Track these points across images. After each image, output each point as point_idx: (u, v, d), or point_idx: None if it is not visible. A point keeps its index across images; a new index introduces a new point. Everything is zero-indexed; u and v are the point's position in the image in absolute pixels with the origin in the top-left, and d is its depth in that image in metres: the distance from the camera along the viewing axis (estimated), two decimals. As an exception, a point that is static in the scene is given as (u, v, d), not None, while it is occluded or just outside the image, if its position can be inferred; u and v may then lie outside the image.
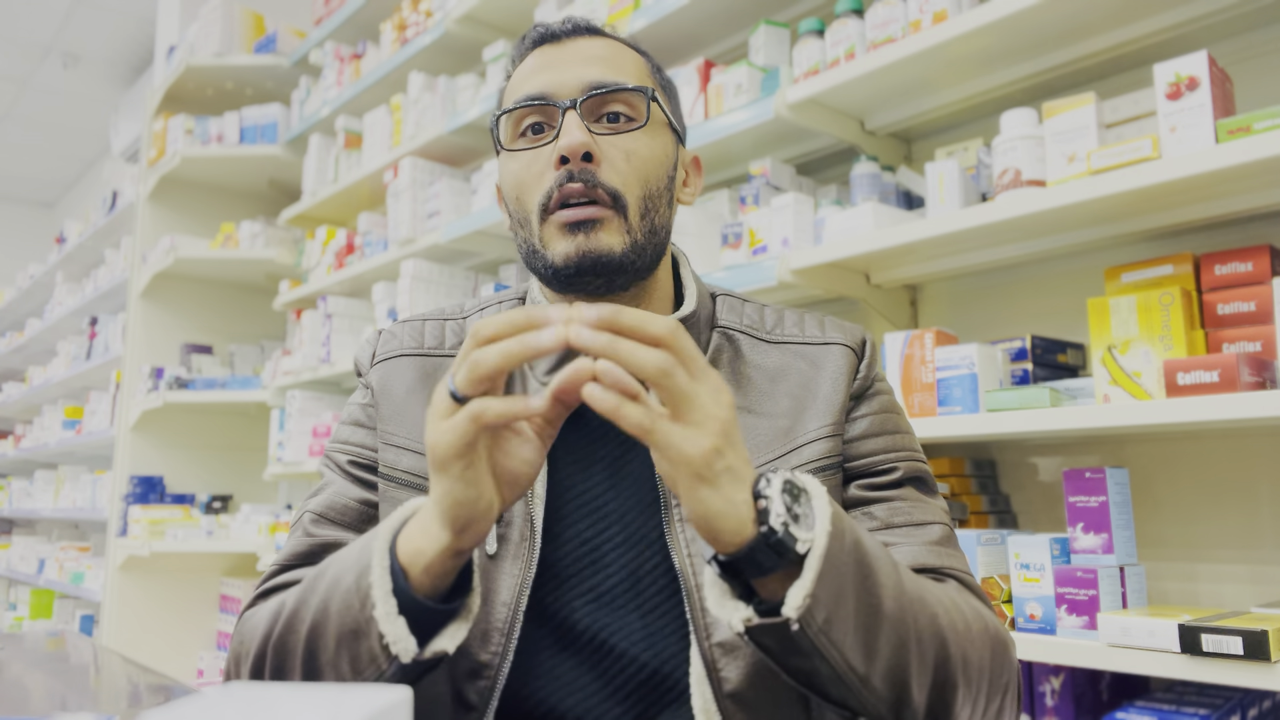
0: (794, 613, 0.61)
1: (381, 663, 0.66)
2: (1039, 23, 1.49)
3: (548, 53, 0.88)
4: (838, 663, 0.64)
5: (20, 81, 5.98)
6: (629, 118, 0.85)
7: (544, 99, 0.84)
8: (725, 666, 0.76)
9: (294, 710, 0.38)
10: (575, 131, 0.81)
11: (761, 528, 0.62)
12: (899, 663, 0.67)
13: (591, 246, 0.81)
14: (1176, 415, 1.22)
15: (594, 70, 0.85)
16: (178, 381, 3.46)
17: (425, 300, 2.62)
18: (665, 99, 0.90)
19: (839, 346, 0.89)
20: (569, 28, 0.89)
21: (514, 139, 0.87)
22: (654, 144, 0.86)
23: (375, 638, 0.65)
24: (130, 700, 1.12)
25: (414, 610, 0.66)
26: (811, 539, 0.62)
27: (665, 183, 0.87)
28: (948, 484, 1.60)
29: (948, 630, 0.70)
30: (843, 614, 0.63)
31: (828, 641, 0.63)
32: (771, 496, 0.63)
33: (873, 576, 0.66)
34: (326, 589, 0.70)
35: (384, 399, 0.88)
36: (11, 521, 6.43)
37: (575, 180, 0.81)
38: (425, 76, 2.81)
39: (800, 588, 0.61)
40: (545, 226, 0.83)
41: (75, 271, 5.37)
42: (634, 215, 0.83)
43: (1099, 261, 1.59)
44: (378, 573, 0.66)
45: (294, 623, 0.72)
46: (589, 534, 0.82)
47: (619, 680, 0.79)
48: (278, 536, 3.16)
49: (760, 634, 0.64)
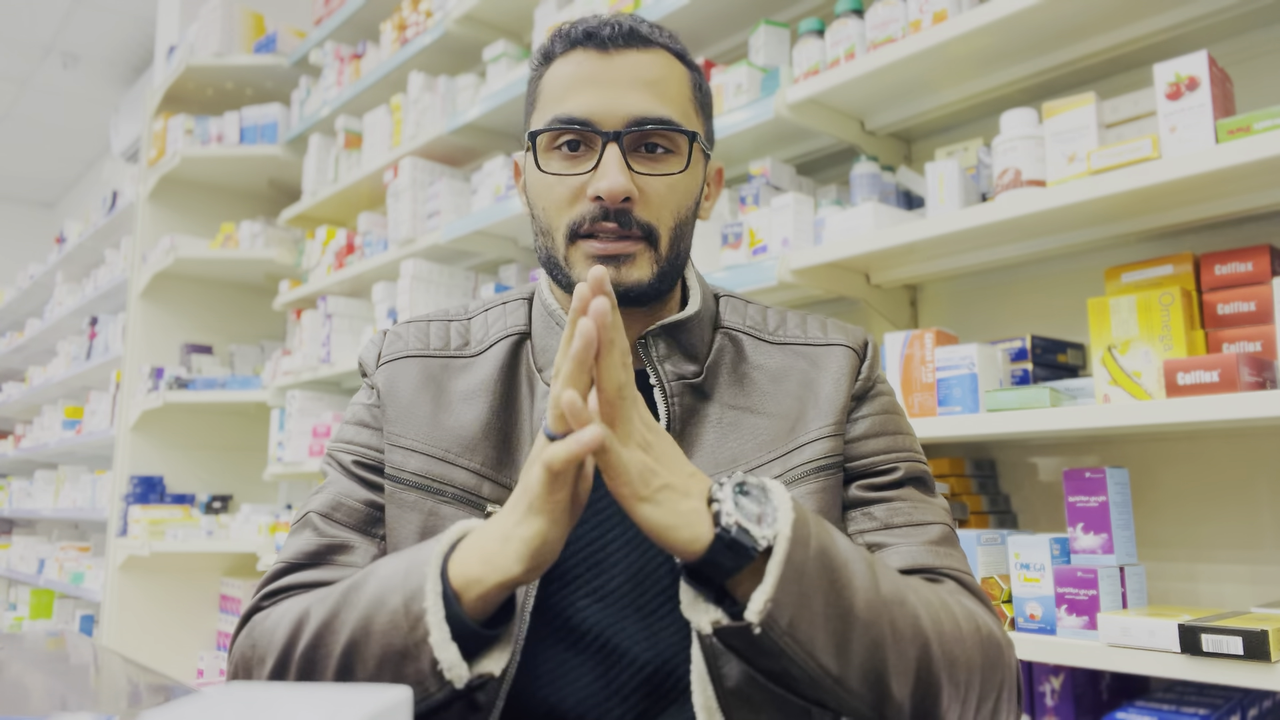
0: (755, 616, 0.63)
1: (431, 686, 0.67)
2: (1039, 23, 1.49)
3: (593, 62, 0.84)
4: (807, 664, 0.65)
5: (20, 81, 5.99)
6: (668, 150, 0.84)
7: (587, 125, 0.82)
8: (726, 664, 0.76)
9: (294, 710, 0.38)
10: (616, 174, 0.80)
11: (716, 529, 0.64)
12: (875, 664, 0.67)
13: (621, 279, 0.82)
14: (1176, 415, 1.22)
15: (641, 100, 0.82)
16: (178, 381, 3.46)
17: (425, 300, 2.62)
18: (702, 122, 0.89)
19: (841, 348, 0.90)
20: (618, 37, 0.84)
21: (548, 149, 0.85)
22: (690, 181, 0.86)
23: (427, 662, 0.66)
24: (130, 700, 1.12)
25: (463, 635, 0.67)
26: (773, 535, 0.64)
27: (693, 209, 0.88)
28: (948, 484, 1.60)
29: (930, 631, 0.71)
30: (809, 616, 0.64)
31: (794, 643, 0.64)
32: (723, 499, 0.65)
33: (842, 578, 0.66)
34: (368, 607, 0.70)
35: (390, 400, 0.88)
36: (11, 521, 6.43)
37: (610, 219, 0.81)
38: (425, 76, 2.81)
39: (762, 592, 0.63)
40: (572, 250, 0.84)
41: (75, 271, 5.37)
42: (664, 246, 0.84)
43: (1099, 261, 1.59)
44: (431, 599, 0.67)
45: (325, 636, 0.72)
46: (592, 535, 0.82)
47: (622, 679, 0.79)
48: (278, 536, 3.16)
49: (728, 636, 0.66)
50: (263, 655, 0.76)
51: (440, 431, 0.85)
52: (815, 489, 0.83)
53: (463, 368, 0.89)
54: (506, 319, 0.92)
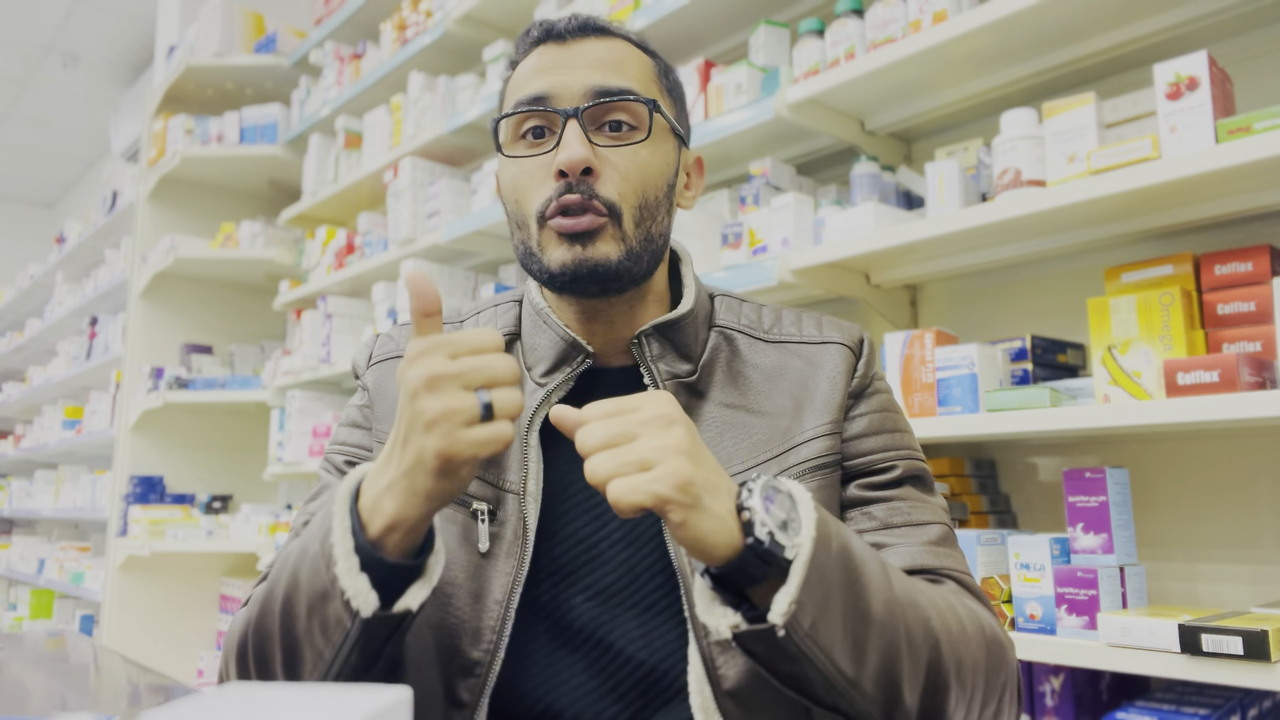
0: (780, 619, 0.62)
1: (346, 621, 0.66)
2: (1039, 23, 1.49)
3: (551, 52, 0.86)
4: (826, 667, 0.64)
5: (20, 81, 5.98)
6: (631, 126, 0.84)
7: (545, 103, 0.83)
8: (724, 665, 0.76)
9: (294, 710, 0.38)
10: (576, 146, 0.80)
11: (748, 539, 0.63)
12: (889, 666, 0.67)
13: (588, 256, 0.81)
14: (1176, 415, 1.22)
15: (598, 75, 0.83)
16: (178, 381, 3.46)
17: (425, 300, 2.62)
18: (670, 104, 0.89)
19: (837, 345, 0.89)
20: (574, 26, 0.86)
21: (514, 140, 0.86)
22: (654, 155, 0.85)
23: (338, 596, 0.66)
24: (130, 700, 1.12)
25: (380, 573, 0.67)
26: (799, 544, 0.63)
27: (664, 191, 0.87)
28: (948, 484, 1.60)
29: (940, 632, 0.70)
30: (830, 618, 0.64)
31: (815, 646, 0.63)
32: (754, 507, 0.64)
33: (860, 580, 0.66)
34: (295, 561, 0.71)
35: (379, 400, 0.89)
36: (11, 521, 6.43)
37: (574, 191, 0.81)
38: (425, 76, 2.81)
39: (785, 594, 0.62)
40: (543, 233, 0.83)
41: (75, 271, 5.37)
42: (628, 224, 0.83)
43: (1099, 261, 1.59)
44: (338, 532, 0.66)
45: (269, 602, 0.73)
46: (586, 532, 0.82)
47: (616, 678, 0.79)
48: (278, 536, 3.16)
49: (748, 640, 0.65)
50: (232, 642, 0.78)
51: None
52: (813, 488, 0.82)
53: None
54: (497, 320, 0.92)
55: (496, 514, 0.81)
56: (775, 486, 0.66)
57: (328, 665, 0.69)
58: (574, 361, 0.85)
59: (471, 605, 0.79)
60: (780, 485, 0.66)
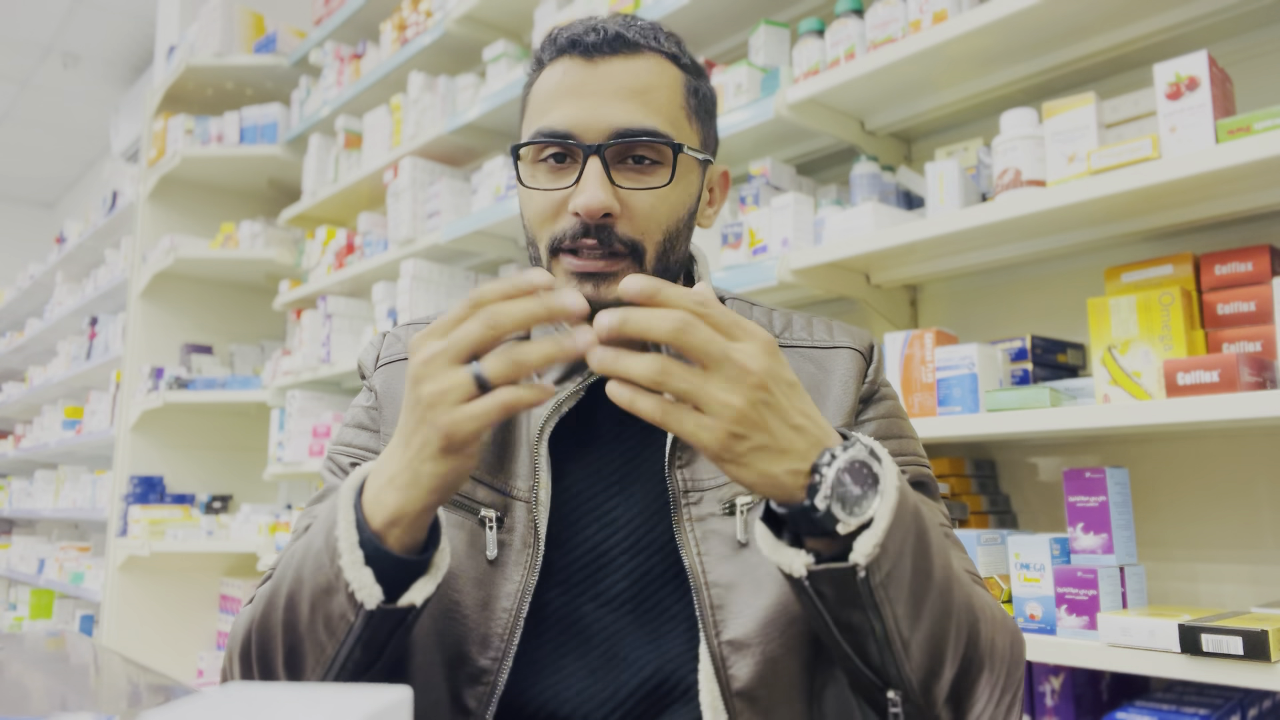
0: (863, 559, 0.61)
1: (350, 615, 0.66)
2: (1039, 23, 1.49)
3: (577, 71, 0.82)
4: (889, 619, 0.64)
5: (20, 81, 5.99)
6: (655, 161, 0.81)
7: (568, 138, 0.80)
8: (735, 664, 0.76)
9: (294, 710, 0.38)
10: (595, 189, 0.78)
11: (805, 502, 0.63)
12: (939, 632, 0.67)
13: (601, 297, 0.80)
14: (1176, 415, 1.22)
15: (623, 112, 0.80)
16: (178, 381, 3.46)
17: (425, 300, 2.62)
18: (698, 127, 0.86)
19: (848, 350, 0.90)
20: (603, 44, 0.82)
21: (534, 162, 0.84)
22: (679, 190, 0.83)
23: (343, 589, 0.66)
24: (130, 700, 1.12)
25: (385, 567, 0.67)
26: (855, 524, 0.62)
27: (686, 220, 0.85)
28: (948, 484, 1.60)
29: (980, 611, 0.72)
30: (901, 571, 0.64)
31: (885, 596, 0.63)
32: (825, 477, 0.62)
33: (926, 542, 0.67)
34: (300, 558, 0.71)
35: (388, 402, 0.88)
36: (11, 521, 6.43)
37: (590, 235, 0.79)
38: (425, 76, 2.81)
39: (871, 536, 0.62)
40: (555, 265, 0.82)
41: (75, 271, 5.37)
42: (650, 260, 0.82)
43: (1099, 261, 1.59)
44: (343, 526, 0.66)
45: (274, 599, 0.73)
46: (596, 539, 0.82)
47: (622, 681, 0.79)
48: (278, 536, 3.16)
49: (821, 580, 0.64)
50: (235, 640, 0.78)
51: None
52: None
53: None
54: None
55: (504, 521, 0.81)
56: (863, 460, 0.64)
57: (330, 661, 0.69)
58: (585, 371, 0.84)
59: (479, 612, 0.78)
60: (869, 460, 0.64)
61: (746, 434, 0.61)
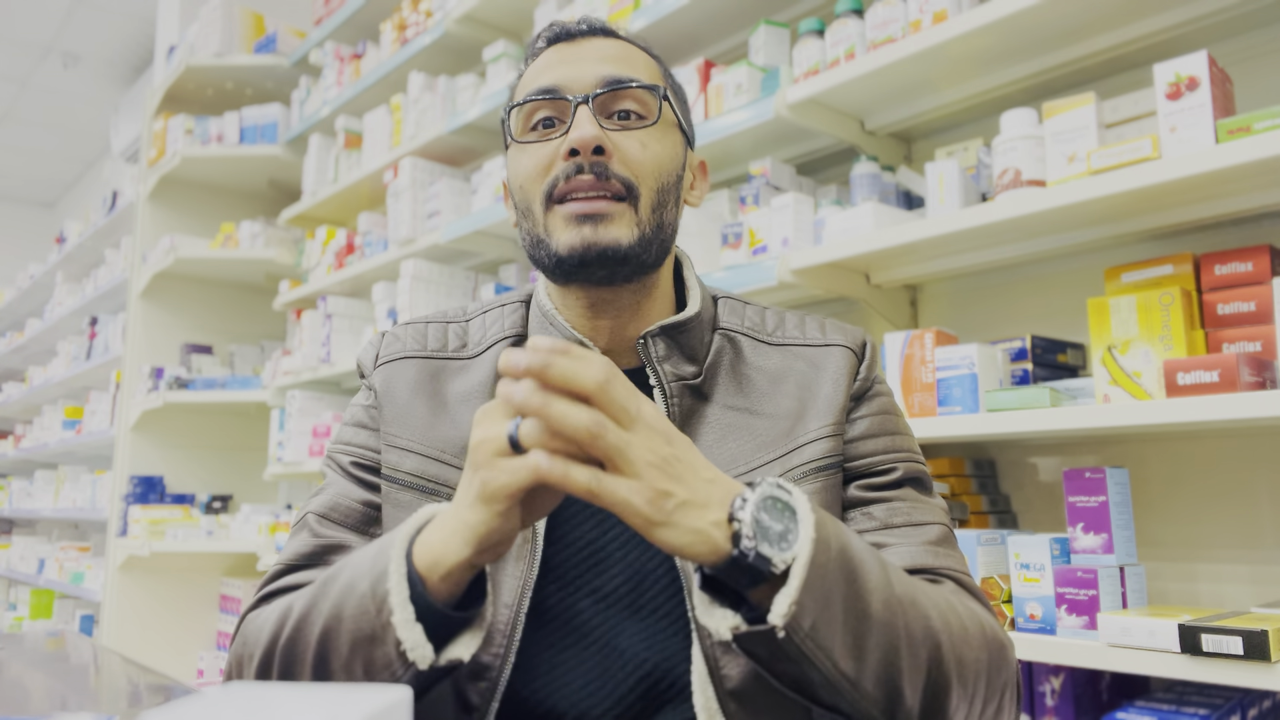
0: (780, 620, 0.61)
1: (397, 669, 0.66)
2: (1039, 23, 1.49)
3: (562, 50, 0.88)
4: (826, 668, 0.64)
5: (20, 81, 5.99)
6: (640, 115, 0.86)
7: (556, 92, 0.85)
8: (727, 665, 0.76)
9: (294, 710, 0.38)
10: (587, 125, 0.82)
11: (733, 550, 0.63)
12: (889, 665, 0.67)
13: (599, 238, 0.81)
14: (1176, 415, 1.22)
15: (607, 67, 0.86)
16: (178, 381, 3.46)
17: (425, 300, 2.62)
18: (676, 101, 0.91)
19: (839, 348, 0.90)
20: (584, 27, 0.89)
21: (524, 133, 0.87)
22: (665, 141, 0.87)
23: (392, 644, 0.65)
24: (130, 700, 1.12)
25: (429, 617, 0.66)
26: (789, 558, 0.62)
27: (675, 180, 0.88)
28: (948, 484, 1.60)
29: (941, 632, 0.70)
30: (829, 619, 0.63)
31: (815, 646, 0.63)
32: (744, 520, 0.63)
33: (859, 580, 0.66)
34: (340, 594, 0.70)
35: (387, 401, 0.88)
36: (11, 521, 6.43)
37: (586, 172, 0.81)
38: (425, 76, 2.81)
39: (785, 595, 0.62)
40: (550, 215, 0.83)
41: (75, 271, 5.37)
42: (645, 207, 0.83)
43: (1099, 261, 1.59)
44: (395, 579, 0.66)
45: (304, 626, 0.72)
46: (592, 535, 0.82)
47: (619, 678, 0.79)
48: (278, 536, 3.16)
49: (749, 642, 0.65)
50: (251, 652, 0.77)
51: (437, 432, 0.85)
52: (815, 489, 0.83)
53: (460, 369, 0.90)
54: (504, 321, 0.92)
55: None
56: (774, 496, 0.65)
57: None
58: None
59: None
60: (779, 494, 0.65)
61: (671, 490, 0.62)
